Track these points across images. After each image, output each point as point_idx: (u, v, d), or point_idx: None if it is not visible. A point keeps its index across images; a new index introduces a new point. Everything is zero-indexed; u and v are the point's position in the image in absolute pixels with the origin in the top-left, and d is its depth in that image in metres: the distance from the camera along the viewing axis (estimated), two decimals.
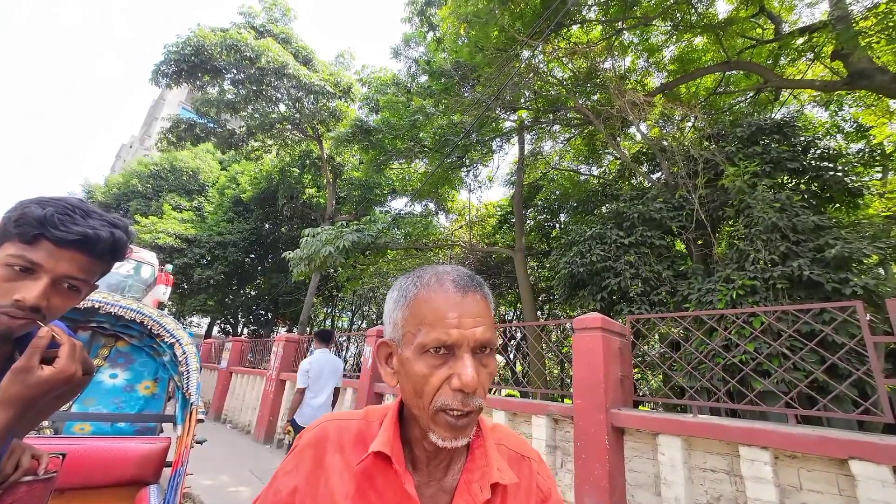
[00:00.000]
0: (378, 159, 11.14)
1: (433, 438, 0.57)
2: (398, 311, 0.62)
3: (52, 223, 0.72)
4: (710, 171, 5.97)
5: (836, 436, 2.18)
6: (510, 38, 7.25)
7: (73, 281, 0.76)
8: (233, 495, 4.63)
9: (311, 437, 0.66)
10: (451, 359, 0.57)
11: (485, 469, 0.62)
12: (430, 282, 0.61)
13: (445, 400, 0.55)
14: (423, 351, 0.57)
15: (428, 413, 0.57)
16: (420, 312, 0.59)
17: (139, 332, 2.27)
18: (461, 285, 0.61)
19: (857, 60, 5.41)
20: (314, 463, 0.63)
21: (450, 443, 0.57)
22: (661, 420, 2.88)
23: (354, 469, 0.60)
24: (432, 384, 0.56)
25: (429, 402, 0.56)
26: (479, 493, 0.60)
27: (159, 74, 13.03)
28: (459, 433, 0.57)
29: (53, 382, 0.73)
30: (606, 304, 5.84)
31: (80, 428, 2.15)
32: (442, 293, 0.59)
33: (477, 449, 0.65)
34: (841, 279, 4.21)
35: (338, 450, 0.63)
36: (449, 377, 0.56)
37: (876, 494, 2.02)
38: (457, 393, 0.55)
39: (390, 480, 0.59)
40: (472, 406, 0.56)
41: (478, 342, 0.57)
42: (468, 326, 0.57)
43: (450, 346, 0.57)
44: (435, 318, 0.57)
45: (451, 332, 0.56)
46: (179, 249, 16.02)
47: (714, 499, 2.63)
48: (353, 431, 0.65)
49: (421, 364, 0.57)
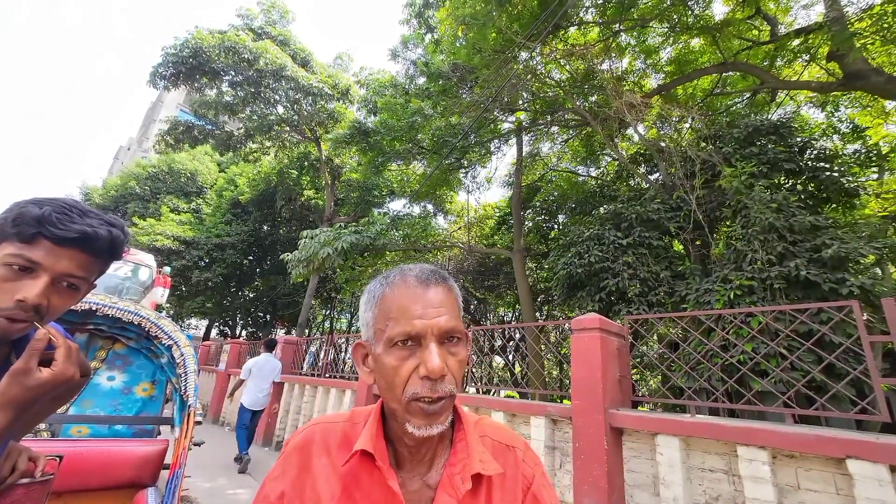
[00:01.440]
0: (376, 161, 11.15)
1: (409, 428, 0.59)
2: (368, 311, 0.65)
3: (51, 222, 0.72)
4: (708, 171, 5.99)
5: (834, 435, 2.18)
6: (508, 40, 7.27)
7: (73, 279, 0.76)
8: (231, 498, 4.62)
9: (298, 441, 0.67)
10: (418, 349, 0.59)
11: (466, 461, 0.63)
12: (395, 279, 0.64)
13: (415, 389, 0.58)
14: (391, 344, 0.60)
15: (402, 404, 0.59)
16: (386, 308, 0.62)
17: (137, 334, 2.26)
18: (423, 279, 0.63)
19: (852, 62, 5.44)
20: (300, 467, 0.64)
21: (425, 430, 0.58)
22: (659, 420, 2.88)
23: (340, 470, 0.62)
24: (402, 375, 0.58)
25: (401, 393, 0.58)
26: (461, 484, 0.61)
27: (157, 76, 13.02)
28: (433, 420, 0.58)
29: (52, 384, 0.73)
30: (605, 305, 5.85)
31: (77, 430, 2.14)
32: (405, 287, 0.63)
33: (459, 443, 0.66)
34: (838, 279, 4.22)
35: (324, 452, 0.64)
36: (417, 367, 0.58)
37: (873, 493, 2.03)
38: (425, 381, 0.57)
39: (375, 479, 0.61)
40: (442, 392, 0.58)
41: (442, 330, 0.60)
42: (431, 317, 0.59)
43: (415, 337, 0.59)
44: (399, 311, 0.60)
45: (414, 323, 0.59)
46: (177, 251, 15.98)
47: (712, 498, 2.63)
48: (339, 433, 0.66)
49: (390, 357, 0.59)
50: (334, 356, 7.31)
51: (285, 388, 7.58)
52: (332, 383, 6.38)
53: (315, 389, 6.80)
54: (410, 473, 0.64)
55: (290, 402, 7.30)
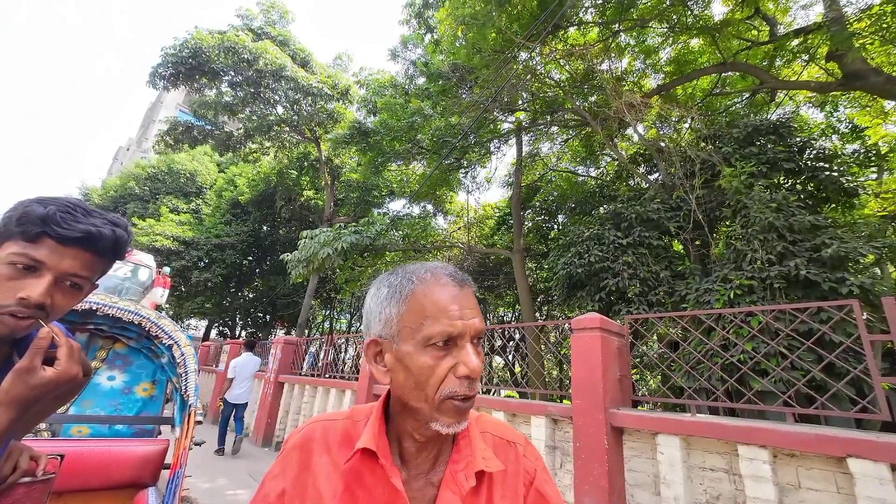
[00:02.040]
0: (376, 161, 11.15)
1: (437, 427, 0.59)
2: (391, 307, 0.63)
3: (55, 221, 0.72)
4: (707, 171, 6.00)
5: (834, 434, 2.18)
6: (507, 40, 7.28)
7: (76, 279, 0.76)
8: (231, 498, 4.61)
9: (298, 439, 0.66)
10: (453, 349, 0.59)
11: (469, 458, 0.63)
12: (427, 277, 0.63)
13: (452, 388, 0.58)
14: (427, 344, 0.59)
15: (434, 403, 0.58)
16: (420, 307, 0.60)
17: (137, 333, 2.26)
18: (458, 279, 0.64)
19: (851, 62, 5.45)
20: (301, 465, 0.63)
21: (454, 428, 0.59)
22: (659, 419, 2.88)
23: (342, 468, 0.61)
24: (438, 375, 0.58)
25: (434, 392, 0.58)
26: (465, 481, 0.61)
27: (157, 77, 13.02)
28: (463, 417, 0.60)
29: (56, 383, 0.74)
30: (605, 305, 5.85)
31: (77, 430, 2.14)
32: (441, 287, 0.62)
33: (462, 440, 0.66)
34: (837, 278, 4.23)
35: (324, 450, 0.64)
36: (454, 366, 0.58)
37: (874, 492, 2.03)
38: (463, 380, 0.58)
39: (378, 476, 0.60)
40: (476, 390, 0.60)
41: (477, 332, 0.61)
42: (469, 317, 0.60)
43: (454, 337, 0.59)
44: (438, 311, 0.59)
45: (456, 324, 0.59)
46: (177, 252, 15.96)
47: (713, 498, 2.63)
48: (339, 431, 0.66)
49: (425, 357, 0.59)
50: (334, 356, 7.31)
51: (285, 388, 7.57)
52: (331, 383, 6.38)
53: (315, 390, 6.79)
54: (413, 471, 0.64)
55: (290, 402, 7.29)
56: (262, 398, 7.89)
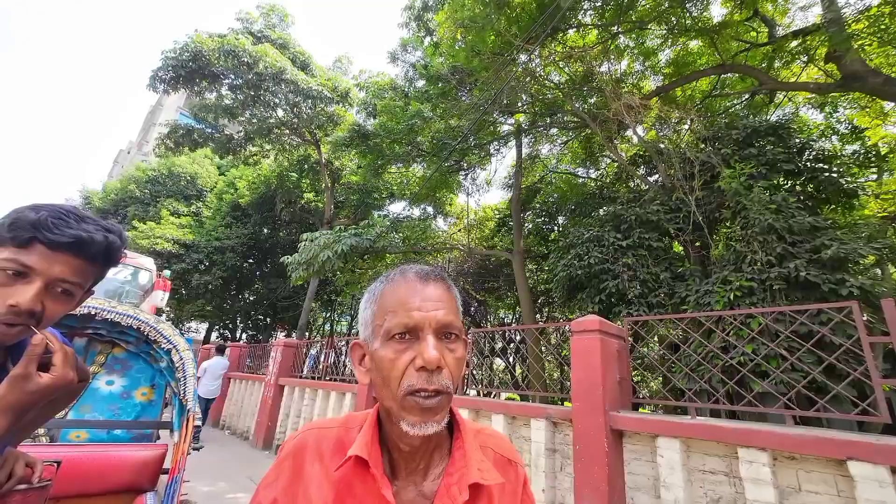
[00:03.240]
0: (376, 163, 11.16)
1: (404, 427, 0.57)
2: (368, 309, 0.66)
3: (46, 226, 0.72)
4: (707, 173, 6.00)
5: (834, 436, 2.18)
6: (507, 43, 7.29)
7: (67, 284, 0.75)
8: (231, 502, 4.60)
9: (291, 447, 0.66)
10: (415, 342, 0.59)
11: (464, 471, 0.61)
12: (394, 276, 0.66)
13: (412, 381, 0.57)
14: (388, 337, 0.60)
15: (398, 399, 0.57)
16: (386, 303, 0.62)
17: (136, 338, 2.26)
18: (422, 274, 0.65)
19: (849, 63, 5.45)
20: (293, 473, 0.63)
21: (419, 429, 0.57)
22: (659, 422, 2.88)
23: (333, 476, 0.60)
24: (398, 367, 0.58)
25: (396, 386, 0.57)
26: (458, 495, 0.59)
27: (157, 80, 13.05)
28: (429, 416, 0.57)
29: (51, 389, 0.74)
30: (605, 307, 5.84)
31: (76, 435, 2.14)
32: (404, 283, 0.64)
33: (457, 451, 0.64)
34: (837, 280, 4.22)
35: (317, 458, 0.63)
36: (413, 358, 0.58)
37: (874, 495, 2.02)
38: (421, 372, 0.57)
39: (368, 486, 0.59)
40: (438, 385, 0.57)
41: (440, 324, 0.60)
42: (429, 309, 0.60)
43: (412, 329, 0.59)
44: (398, 304, 0.61)
45: (412, 315, 0.59)
46: (177, 255, 15.98)
47: (713, 500, 2.62)
48: (333, 439, 0.65)
49: (387, 350, 0.59)
50: (334, 359, 7.30)
51: (285, 391, 7.57)
52: (332, 386, 6.37)
53: (315, 392, 6.78)
54: (405, 482, 0.62)
55: (291, 405, 7.28)
56: (262, 401, 7.88)
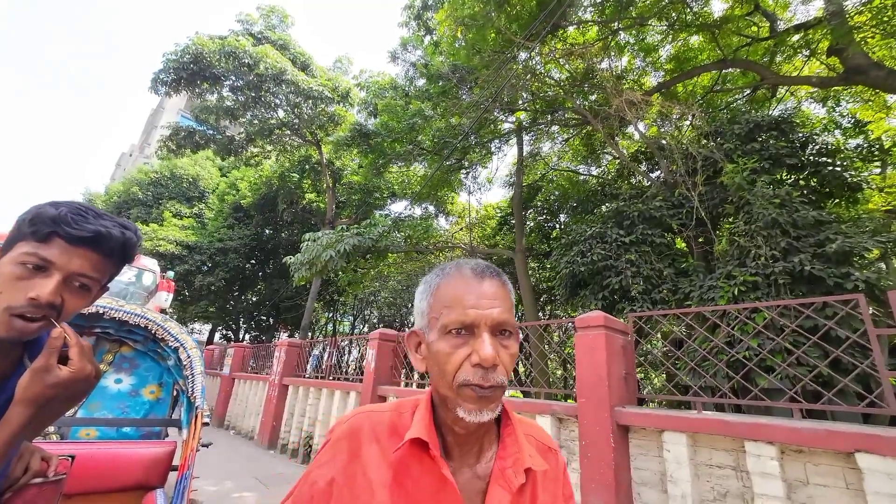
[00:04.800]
0: (377, 163, 11.17)
1: (460, 413, 0.60)
2: (423, 301, 0.68)
3: (66, 221, 0.73)
4: (709, 168, 5.98)
5: (842, 429, 2.17)
6: (507, 41, 7.29)
7: (85, 279, 0.77)
8: (237, 501, 4.62)
9: (346, 428, 0.67)
10: (471, 338, 0.60)
11: (517, 456, 0.64)
12: (450, 271, 0.67)
13: (467, 376, 0.59)
14: (445, 332, 0.62)
15: (453, 389, 0.60)
16: (442, 298, 0.64)
17: (143, 336, 2.27)
18: (478, 271, 0.66)
19: (852, 56, 5.43)
20: (350, 454, 0.64)
21: (475, 416, 0.59)
22: (665, 417, 2.88)
23: (390, 458, 0.62)
24: (454, 362, 0.60)
25: (451, 379, 0.60)
26: (514, 478, 0.62)
27: (158, 82, 13.09)
28: (484, 405, 0.59)
29: (72, 381, 0.75)
30: (608, 303, 5.83)
31: (85, 433, 2.15)
32: (461, 279, 0.65)
33: (508, 437, 0.67)
34: (842, 274, 4.21)
35: (373, 440, 0.65)
36: (469, 354, 0.59)
37: (883, 487, 2.02)
38: (477, 368, 0.59)
39: (426, 467, 0.61)
40: (493, 381, 0.59)
41: (495, 322, 0.61)
42: (485, 307, 0.61)
43: (469, 326, 0.61)
44: (454, 300, 0.62)
45: (469, 313, 0.61)
46: (180, 256, 16.03)
47: (720, 495, 2.62)
48: (387, 423, 0.67)
49: (444, 343, 0.61)
50: (338, 358, 7.31)
51: (289, 390, 7.58)
52: (336, 385, 6.38)
53: (319, 392, 6.80)
54: (459, 463, 0.65)
55: (295, 404, 7.30)
56: (266, 401, 7.90)
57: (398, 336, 5.85)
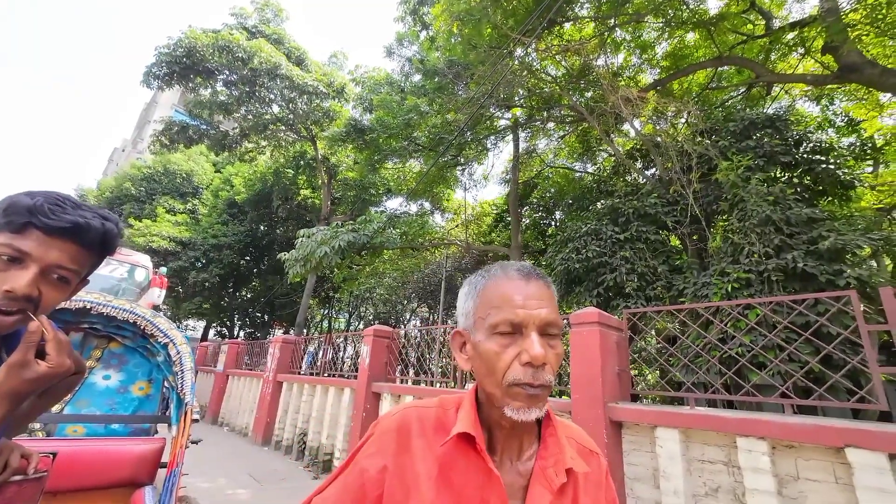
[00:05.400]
0: (372, 159, 11.12)
1: (508, 412, 0.61)
2: (469, 301, 0.69)
3: (43, 212, 0.70)
4: (704, 165, 6.00)
5: (833, 424, 2.19)
6: (503, 36, 7.26)
7: (63, 271, 0.74)
8: (230, 497, 4.60)
9: (394, 421, 0.69)
10: (519, 338, 0.62)
11: (558, 456, 0.65)
12: (497, 272, 0.68)
13: (517, 375, 0.60)
14: (493, 332, 0.63)
15: (502, 388, 0.61)
16: (489, 298, 0.65)
17: (132, 332, 2.24)
18: (524, 272, 0.67)
19: (846, 54, 5.45)
20: (400, 446, 0.65)
21: (524, 414, 0.60)
22: (658, 413, 2.89)
23: (437, 451, 0.64)
24: (504, 361, 0.61)
25: (501, 378, 0.61)
26: (555, 477, 0.63)
27: (151, 76, 12.93)
28: (533, 404, 0.60)
29: (49, 376, 0.73)
30: (603, 300, 5.85)
31: (73, 430, 2.12)
32: (507, 280, 0.66)
33: (549, 437, 0.68)
34: (835, 271, 4.24)
35: (421, 434, 0.66)
36: (518, 354, 0.61)
37: (872, 481, 2.03)
38: (527, 367, 0.60)
39: (471, 461, 0.63)
40: (542, 380, 0.60)
41: (543, 321, 0.62)
42: (533, 308, 0.62)
43: (517, 325, 0.62)
44: (502, 301, 0.63)
45: (517, 313, 0.62)
46: (174, 252, 15.91)
47: (712, 490, 2.64)
48: (433, 418, 0.69)
49: (492, 343, 0.62)
50: (333, 355, 7.30)
51: (284, 387, 7.56)
52: (330, 382, 6.37)
53: (314, 388, 6.78)
54: (501, 459, 0.66)
55: (289, 401, 7.28)
56: (261, 397, 7.87)
57: (393, 332, 5.84)
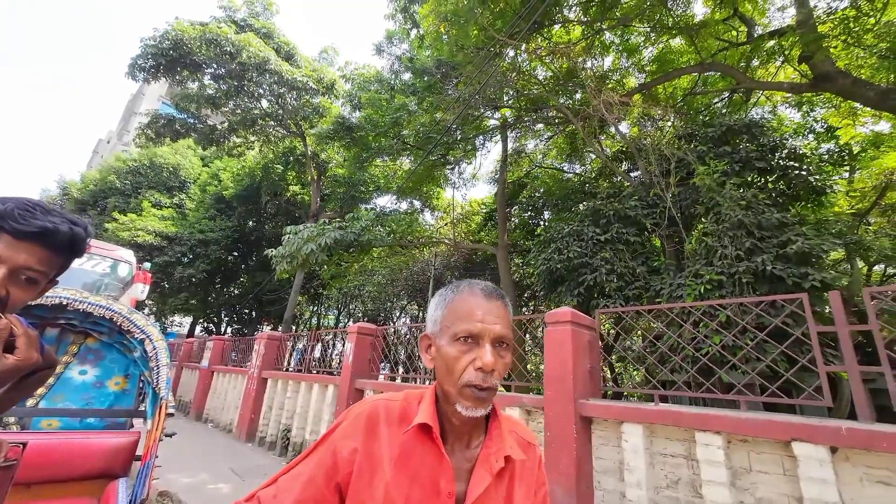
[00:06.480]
0: (361, 156, 11.12)
1: (460, 409, 0.73)
2: (438, 310, 0.81)
3: (13, 217, 0.76)
4: (683, 170, 6.15)
5: (781, 419, 2.32)
6: (490, 38, 7.32)
7: (32, 272, 0.80)
8: (212, 493, 4.63)
9: (366, 409, 0.79)
10: (476, 347, 0.74)
11: (500, 445, 0.78)
12: (465, 289, 0.81)
13: (470, 378, 0.72)
14: (455, 338, 0.75)
15: (457, 388, 0.73)
16: (455, 310, 0.78)
17: (109, 328, 2.28)
18: (487, 292, 0.80)
19: (819, 63, 5.63)
20: (369, 431, 0.76)
21: (472, 412, 0.72)
22: (624, 409, 3.00)
23: (400, 438, 0.75)
24: (461, 364, 0.73)
25: (457, 378, 0.73)
26: (495, 462, 0.76)
27: (136, 69, 12.73)
28: (480, 404, 0.73)
29: (17, 369, 0.78)
30: (584, 300, 5.98)
31: (48, 424, 2.16)
32: (472, 297, 0.79)
33: (494, 430, 0.81)
34: (801, 274, 4.40)
35: (387, 423, 0.77)
36: (473, 360, 0.73)
37: (815, 472, 2.17)
38: (478, 372, 0.72)
39: (427, 447, 0.74)
40: (490, 384, 0.72)
41: (497, 335, 0.75)
42: (490, 322, 0.75)
43: (475, 336, 0.74)
44: (466, 314, 0.76)
45: (477, 325, 0.74)
46: (160, 247, 15.71)
47: (673, 482, 2.76)
48: (398, 410, 0.80)
49: (453, 349, 0.75)
50: (321, 352, 7.32)
51: (268, 384, 7.57)
52: (315, 378, 6.41)
53: (298, 385, 6.81)
54: (452, 447, 0.78)
55: (274, 398, 7.29)
56: (245, 394, 7.87)
57: (377, 330, 5.90)
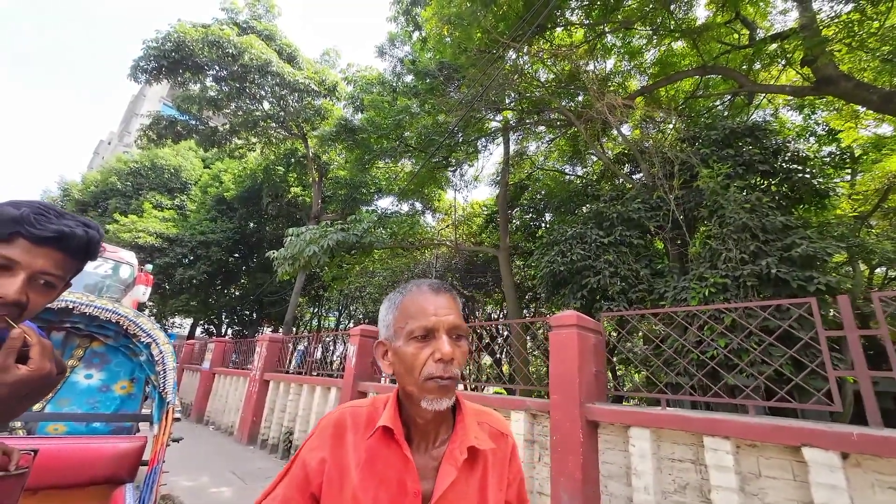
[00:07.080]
0: (363, 158, 11.12)
1: (424, 404, 0.74)
2: (390, 314, 0.81)
3: (29, 222, 0.76)
4: (686, 172, 6.14)
5: (790, 424, 2.30)
6: (493, 40, 7.33)
7: (49, 277, 0.79)
8: (214, 496, 4.61)
9: (332, 420, 0.81)
10: (432, 340, 0.75)
11: (463, 438, 0.79)
12: (412, 289, 0.82)
13: (430, 370, 0.73)
14: (411, 337, 0.76)
15: (418, 384, 0.74)
16: (406, 311, 0.78)
17: (115, 332, 2.26)
18: (434, 288, 0.81)
19: (822, 66, 5.63)
20: (336, 440, 0.78)
21: (437, 404, 0.74)
22: (631, 413, 2.99)
23: (366, 443, 0.76)
24: (420, 360, 0.74)
25: (418, 374, 0.74)
26: (459, 455, 0.77)
27: (138, 70, 12.75)
28: (444, 394, 0.74)
29: (30, 380, 0.77)
30: (587, 302, 5.96)
31: (53, 428, 2.14)
32: (421, 294, 0.80)
33: (458, 424, 0.82)
34: (806, 277, 4.39)
35: (354, 429, 0.79)
36: (432, 353, 0.74)
37: (826, 479, 2.15)
38: (438, 363, 0.73)
39: (392, 450, 0.76)
40: (451, 373, 0.74)
41: (450, 325, 0.76)
42: (442, 315, 0.76)
43: (430, 330, 0.75)
44: (418, 311, 0.77)
45: (430, 319, 0.75)
46: (161, 249, 15.70)
47: (681, 487, 2.75)
48: (364, 415, 0.81)
49: (410, 347, 0.76)
50: (322, 354, 7.31)
51: (270, 386, 7.55)
52: (317, 381, 6.39)
53: (300, 387, 6.79)
54: (418, 447, 0.79)
55: (276, 400, 7.27)
56: (247, 396, 7.85)
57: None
